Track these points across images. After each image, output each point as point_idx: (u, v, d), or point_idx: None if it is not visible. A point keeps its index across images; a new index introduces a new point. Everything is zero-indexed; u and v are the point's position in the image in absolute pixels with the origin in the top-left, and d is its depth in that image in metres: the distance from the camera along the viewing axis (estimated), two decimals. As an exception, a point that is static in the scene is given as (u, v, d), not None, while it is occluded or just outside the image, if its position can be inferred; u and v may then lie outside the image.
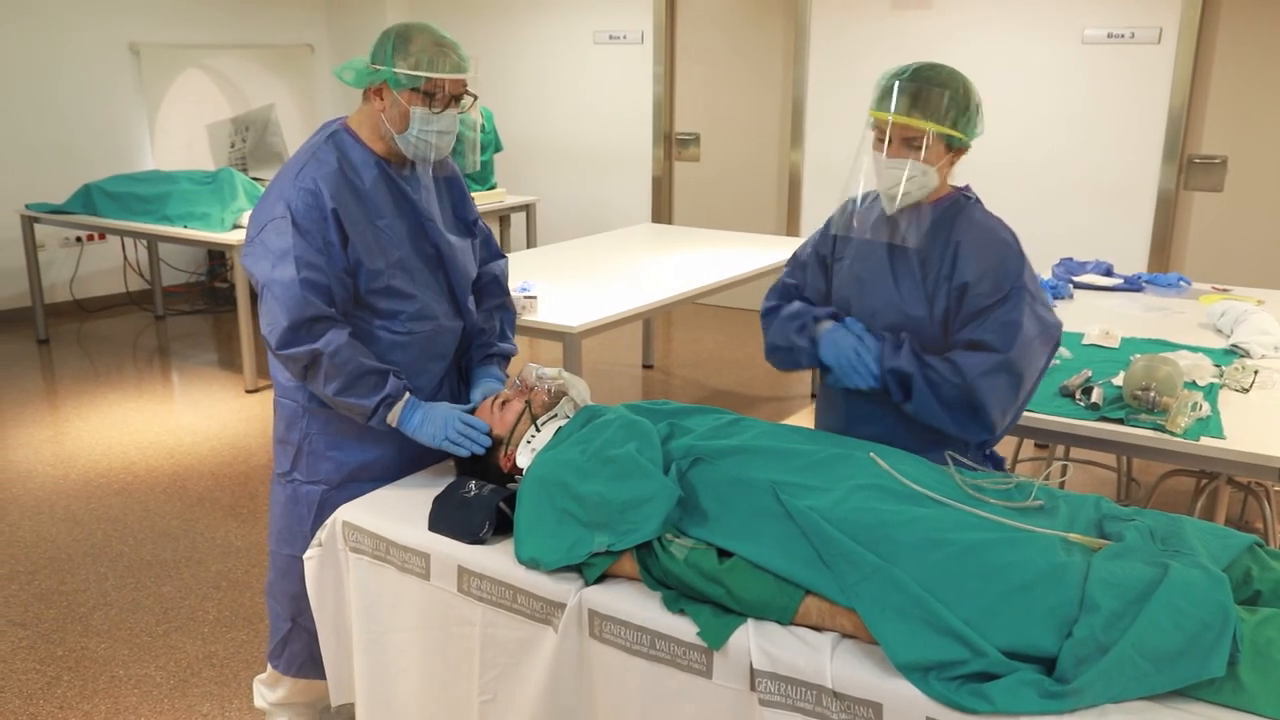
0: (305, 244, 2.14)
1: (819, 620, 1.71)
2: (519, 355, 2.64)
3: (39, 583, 3.51)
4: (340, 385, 2.16)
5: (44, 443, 4.78)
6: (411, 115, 2.17)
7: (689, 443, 2.03)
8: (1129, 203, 5.96)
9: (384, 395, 2.20)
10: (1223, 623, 1.53)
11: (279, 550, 2.48)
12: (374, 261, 2.23)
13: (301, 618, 2.47)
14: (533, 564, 1.92)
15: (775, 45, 6.97)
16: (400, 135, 2.20)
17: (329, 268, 2.17)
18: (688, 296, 4.07)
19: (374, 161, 2.25)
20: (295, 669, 2.55)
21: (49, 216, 6.24)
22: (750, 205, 7.28)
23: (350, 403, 2.19)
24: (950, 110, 2.08)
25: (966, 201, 2.22)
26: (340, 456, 2.36)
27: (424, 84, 2.15)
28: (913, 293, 2.19)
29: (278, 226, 2.16)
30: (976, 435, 2.17)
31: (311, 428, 2.35)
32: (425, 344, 2.34)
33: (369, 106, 2.23)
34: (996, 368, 2.09)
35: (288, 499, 2.43)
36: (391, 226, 2.26)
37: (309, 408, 2.34)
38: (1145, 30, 5.73)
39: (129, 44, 7.23)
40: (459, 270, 2.39)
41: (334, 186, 2.18)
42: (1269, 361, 3.06)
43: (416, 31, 2.17)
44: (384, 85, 2.17)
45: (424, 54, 2.14)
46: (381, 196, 2.25)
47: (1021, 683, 1.53)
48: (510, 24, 7.90)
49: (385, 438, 2.33)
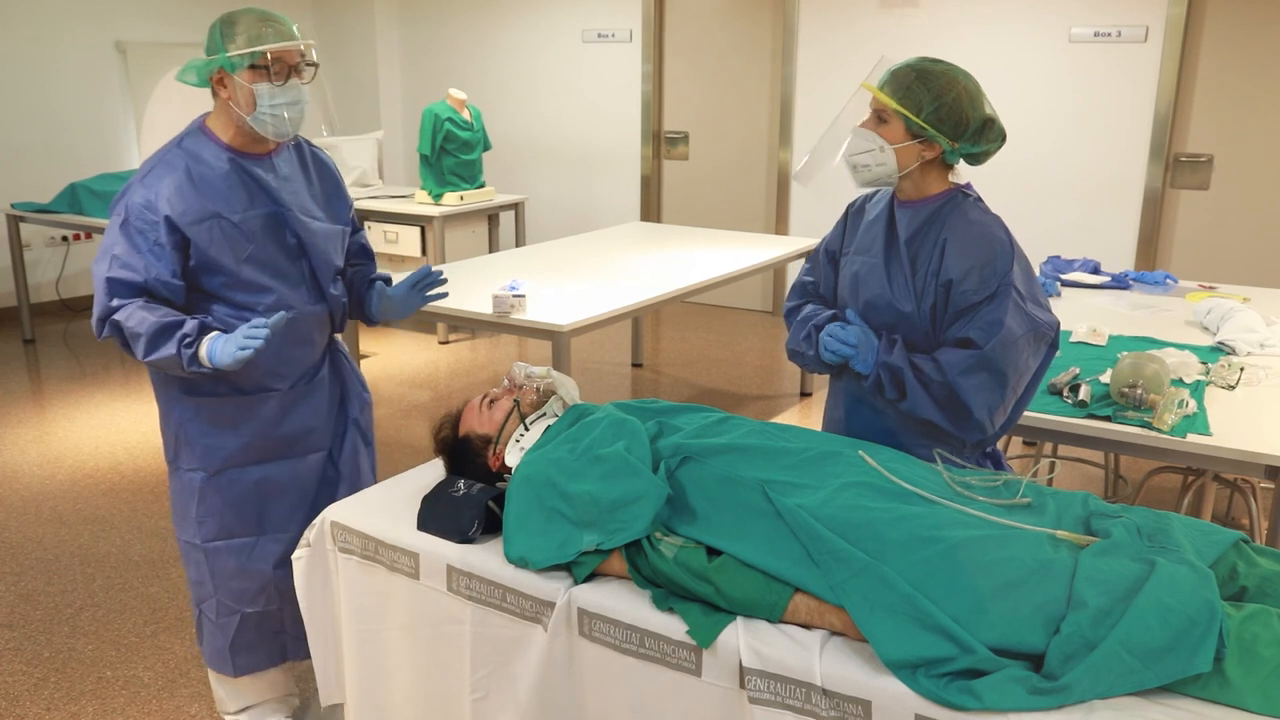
0: (128, 245, 2.21)
1: (808, 618, 1.72)
2: (509, 355, 2.65)
3: (25, 583, 3.49)
4: (146, 345, 2.18)
5: (30, 443, 4.76)
6: (256, 93, 2.21)
7: (678, 441, 2.03)
8: (1116, 201, 5.98)
9: (182, 335, 2.18)
10: (1209, 619, 1.54)
11: (179, 538, 2.53)
12: (224, 256, 2.27)
13: (205, 605, 2.53)
14: (522, 563, 1.92)
15: (764, 44, 6.98)
16: (252, 117, 2.24)
17: (150, 269, 2.21)
18: (676, 295, 4.07)
19: (227, 157, 2.29)
20: (208, 658, 2.59)
21: (34, 216, 6.21)
22: (739, 204, 7.29)
23: (161, 357, 2.18)
24: (915, 94, 2.10)
25: (964, 199, 2.22)
26: (212, 443, 2.40)
27: (258, 59, 2.20)
28: (903, 289, 2.20)
29: (110, 226, 2.27)
30: (968, 434, 2.17)
31: (183, 416, 2.40)
32: (284, 332, 2.33)
33: (219, 100, 2.28)
34: (976, 365, 2.09)
35: (176, 486, 2.49)
36: (246, 220, 2.30)
37: (177, 398, 2.40)
38: (1132, 29, 5.75)
39: (115, 42, 7.19)
40: (320, 257, 2.43)
41: (175, 191, 2.23)
42: (1255, 359, 3.08)
43: (240, 14, 2.23)
44: (224, 73, 2.22)
45: (250, 30, 2.20)
46: (235, 191, 2.29)
47: (1009, 679, 1.53)
48: (499, 22, 7.89)
49: (252, 421, 2.40)
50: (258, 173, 2.32)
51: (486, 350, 6.34)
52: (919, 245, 2.20)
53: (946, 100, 2.10)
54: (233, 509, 2.44)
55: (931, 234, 2.19)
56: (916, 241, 2.20)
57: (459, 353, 6.29)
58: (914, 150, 2.15)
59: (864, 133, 2.17)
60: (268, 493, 2.47)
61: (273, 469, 2.46)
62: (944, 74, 2.12)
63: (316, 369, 2.52)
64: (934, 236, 2.18)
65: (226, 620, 2.51)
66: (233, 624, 2.51)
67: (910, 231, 2.21)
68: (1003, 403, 2.15)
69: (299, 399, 2.48)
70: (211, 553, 2.46)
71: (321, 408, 2.54)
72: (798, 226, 6.99)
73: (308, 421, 2.50)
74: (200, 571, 2.50)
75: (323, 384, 2.54)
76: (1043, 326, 2.17)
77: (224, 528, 2.45)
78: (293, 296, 2.38)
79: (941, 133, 2.12)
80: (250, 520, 2.46)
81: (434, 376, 5.81)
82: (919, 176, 2.20)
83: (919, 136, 2.13)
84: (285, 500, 2.49)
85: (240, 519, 2.46)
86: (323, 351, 2.55)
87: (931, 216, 2.20)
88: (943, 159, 2.18)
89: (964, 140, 2.14)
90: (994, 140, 2.17)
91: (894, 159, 2.16)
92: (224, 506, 2.44)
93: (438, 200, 6.40)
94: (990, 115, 2.15)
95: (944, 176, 2.22)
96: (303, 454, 2.51)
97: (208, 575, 2.49)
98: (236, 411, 2.39)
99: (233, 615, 2.50)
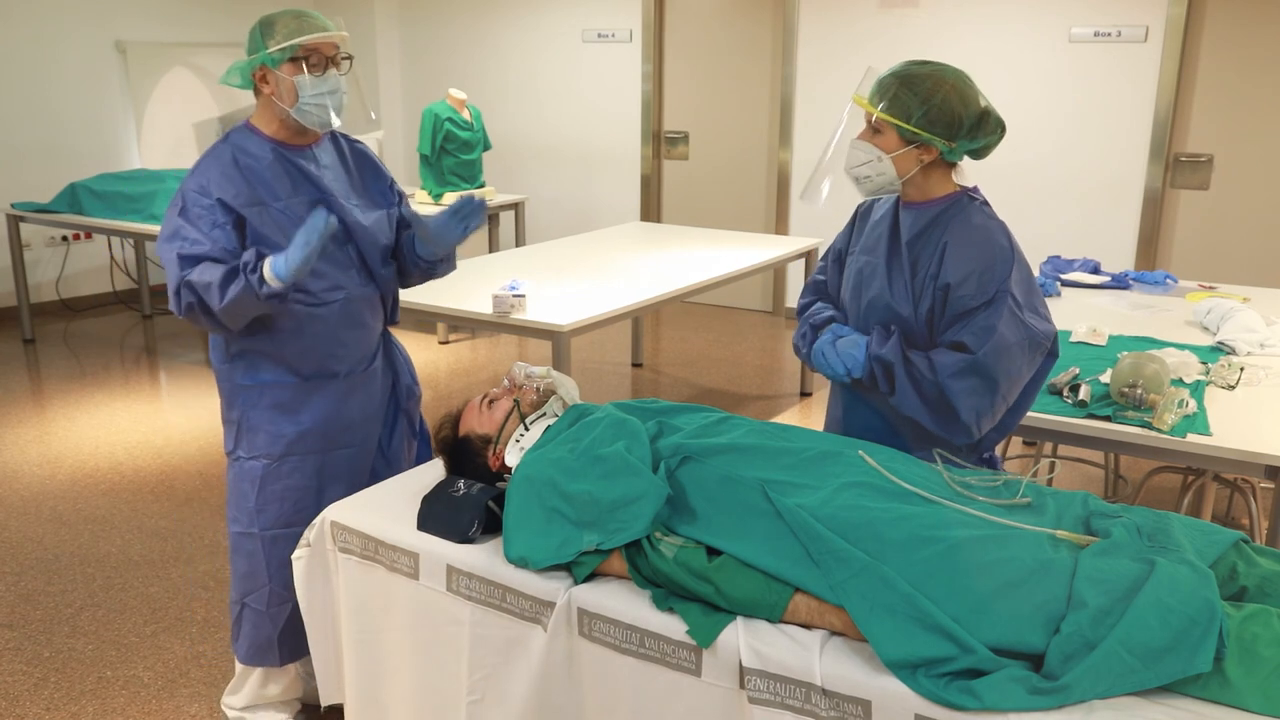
0: (191, 226, 2.29)
1: (808, 618, 1.72)
2: (509, 355, 2.67)
3: (25, 583, 3.49)
4: (219, 291, 2.22)
5: (30, 443, 4.76)
6: (297, 85, 2.31)
7: (678, 441, 2.03)
8: (1116, 201, 5.98)
9: (245, 263, 2.23)
10: (1209, 619, 1.54)
11: (231, 529, 2.57)
12: (278, 237, 2.33)
13: (251, 598, 2.56)
14: (522, 563, 1.92)
15: (764, 44, 6.98)
16: (295, 109, 2.33)
17: (216, 242, 2.28)
18: (676, 295, 4.07)
19: (270, 148, 2.39)
20: (245, 654, 2.61)
21: (35, 216, 6.21)
22: (739, 204, 7.29)
23: (235, 296, 2.22)
24: (901, 101, 2.10)
25: (969, 203, 2.22)
26: (275, 430, 2.46)
27: (297, 51, 2.29)
28: (902, 291, 2.20)
29: (168, 216, 2.34)
30: (955, 436, 2.17)
31: (246, 403, 2.46)
32: (339, 314, 2.44)
33: (263, 98, 2.38)
34: (967, 369, 2.10)
35: (235, 476, 2.54)
36: (291, 207, 2.37)
37: (241, 385, 2.46)
38: (1132, 29, 5.75)
39: (115, 42, 7.19)
40: (368, 240, 2.48)
41: (224, 178, 2.33)
42: (1255, 359, 3.08)
43: (277, 15, 2.33)
44: (265, 70, 2.32)
45: (287, 26, 2.30)
46: (280, 180, 2.38)
47: (1009, 679, 1.53)
48: (499, 22, 7.89)
49: (312, 408, 2.46)
50: (300, 162, 2.40)
51: (486, 350, 6.34)
52: (920, 247, 2.20)
53: (935, 102, 2.10)
54: (292, 497, 2.50)
55: (933, 237, 2.19)
56: (918, 244, 2.20)
57: (459, 353, 6.29)
58: (912, 156, 2.15)
59: (861, 144, 2.19)
60: (326, 481, 2.52)
61: (331, 457, 2.52)
62: (929, 76, 2.12)
63: (372, 356, 2.58)
64: (935, 239, 2.18)
65: (278, 610, 2.55)
66: (284, 613, 2.54)
67: (913, 233, 2.21)
68: (992, 409, 2.15)
69: (357, 386, 2.54)
70: (269, 541, 2.51)
71: (376, 396, 2.60)
72: (798, 226, 7.00)
73: (365, 409, 2.57)
74: (253, 562, 2.54)
75: (376, 374, 2.60)
76: (1039, 336, 2.16)
77: (282, 516, 2.50)
78: (343, 279, 2.45)
79: (936, 135, 2.12)
80: (308, 509, 2.48)
81: (434, 376, 5.81)
82: (922, 179, 2.20)
83: (913, 142, 2.14)
84: (341, 489, 2.51)
85: (298, 507, 2.50)
86: (378, 338, 2.61)
87: (935, 219, 2.20)
88: (943, 158, 2.18)
89: (960, 138, 2.13)
90: (993, 132, 2.16)
91: (892, 168, 2.16)
92: (284, 494, 2.49)
93: (438, 200, 6.40)
94: (984, 107, 2.14)
95: (948, 176, 2.22)
96: (360, 442, 2.58)
97: (262, 565, 2.53)
98: (296, 398, 2.46)
99: (285, 604, 2.54)
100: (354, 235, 2.46)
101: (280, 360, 2.43)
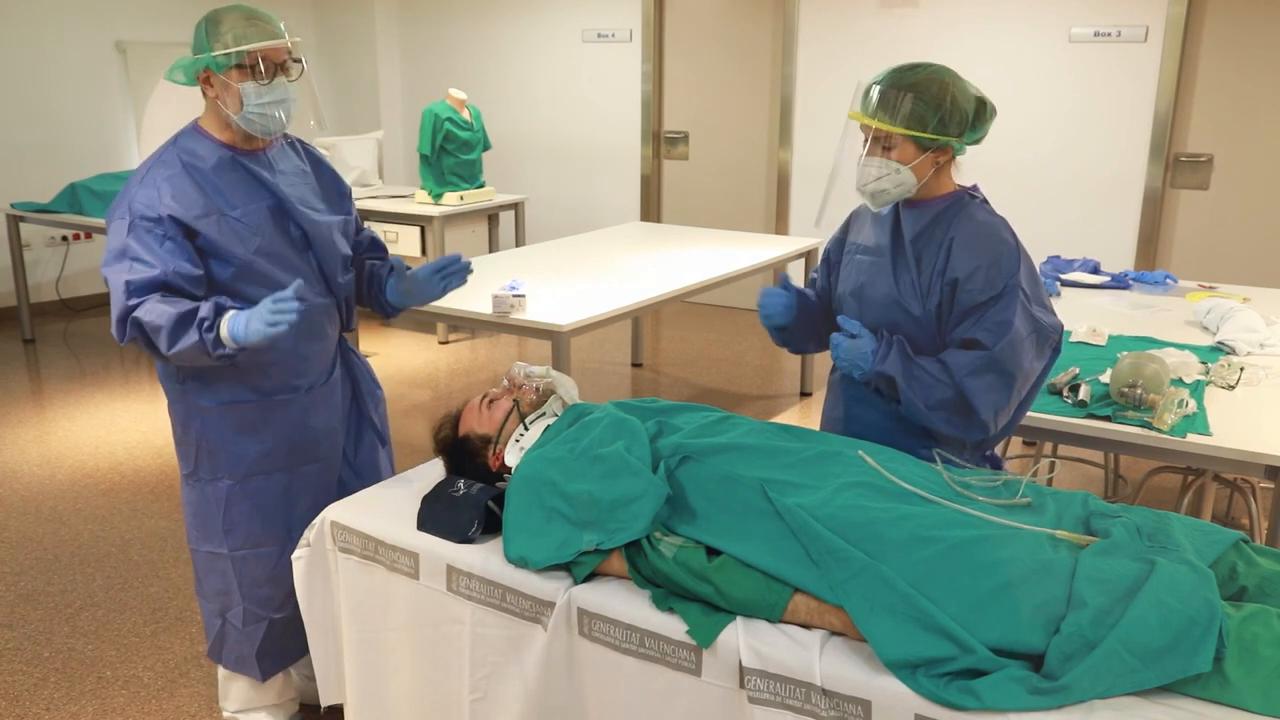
0: (139, 245, 2.17)
1: (808, 618, 1.72)
2: (509, 355, 2.66)
3: (25, 583, 3.49)
4: (168, 338, 2.12)
5: (30, 443, 4.76)
6: (243, 93, 2.20)
7: (677, 441, 2.03)
8: (1116, 201, 5.98)
9: (200, 319, 2.13)
10: (1209, 619, 1.54)
11: (199, 549, 2.50)
12: (235, 247, 2.25)
13: (230, 614, 2.50)
14: (521, 563, 1.92)
15: (764, 43, 6.97)
16: (240, 116, 2.23)
17: (167, 262, 2.17)
18: (676, 295, 4.07)
19: (221, 152, 2.28)
20: (234, 663, 2.56)
21: (34, 216, 6.21)
22: (739, 204, 7.29)
23: (185, 347, 2.13)
24: (917, 112, 2.10)
25: (971, 200, 2.23)
26: (237, 450, 2.38)
27: (243, 58, 2.18)
28: (910, 289, 2.21)
29: (117, 229, 2.21)
30: (970, 434, 2.18)
31: (205, 425, 2.37)
32: (300, 327, 2.27)
33: (209, 100, 2.27)
34: (984, 366, 2.10)
35: (198, 498, 2.45)
36: (248, 214, 2.28)
37: (199, 406, 2.36)
38: (1132, 29, 5.75)
39: (115, 42, 7.19)
40: (325, 247, 2.41)
41: (175, 188, 2.21)
42: (1255, 359, 3.08)
43: (225, 13, 2.22)
44: (210, 73, 2.21)
45: (234, 30, 2.19)
46: (234, 187, 2.27)
47: (1009, 679, 1.53)
48: (499, 22, 7.89)
49: (276, 425, 2.38)
50: (254, 168, 2.31)
51: (486, 350, 6.34)
52: (924, 245, 2.21)
53: (945, 105, 2.11)
54: (260, 515, 2.43)
55: (937, 234, 2.19)
56: (922, 241, 2.21)
57: (459, 353, 6.29)
58: (928, 161, 2.17)
59: (874, 161, 2.17)
60: (294, 497, 2.46)
61: (297, 474, 2.45)
62: (930, 80, 2.13)
63: (331, 367, 2.52)
64: (940, 236, 2.19)
65: (254, 628, 2.49)
66: (260, 630, 2.50)
67: (916, 231, 2.22)
68: (1008, 403, 2.16)
69: (320, 399, 2.47)
70: (239, 561, 2.45)
71: (338, 407, 2.54)
72: (798, 226, 7.00)
73: (329, 421, 2.51)
74: (226, 581, 2.47)
75: (336, 384, 2.54)
76: (1047, 329, 2.17)
77: (250, 536, 2.43)
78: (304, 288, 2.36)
79: (950, 135, 2.13)
80: (278, 526, 2.44)
81: (434, 376, 5.81)
82: (930, 179, 2.21)
83: (929, 148, 2.14)
84: (311, 504, 2.45)
85: (267, 526, 2.44)
86: (334, 348, 2.54)
87: (938, 216, 2.21)
88: (954, 155, 2.20)
89: (968, 131, 2.16)
90: (990, 117, 2.19)
91: (912, 176, 2.17)
92: (252, 513, 2.42)
93: (438, 200, 6.40)
94: (978, 95, 2.17)
95: (949, 174, 2.23)
96: (326, 456, 2.51)
97: (234, 585, 2.47)
98: (259, 416, 2.38)
99: (260, 623, 2.49)
100: (313, 244, 2.38)
101: (238, 378, 2.33)
